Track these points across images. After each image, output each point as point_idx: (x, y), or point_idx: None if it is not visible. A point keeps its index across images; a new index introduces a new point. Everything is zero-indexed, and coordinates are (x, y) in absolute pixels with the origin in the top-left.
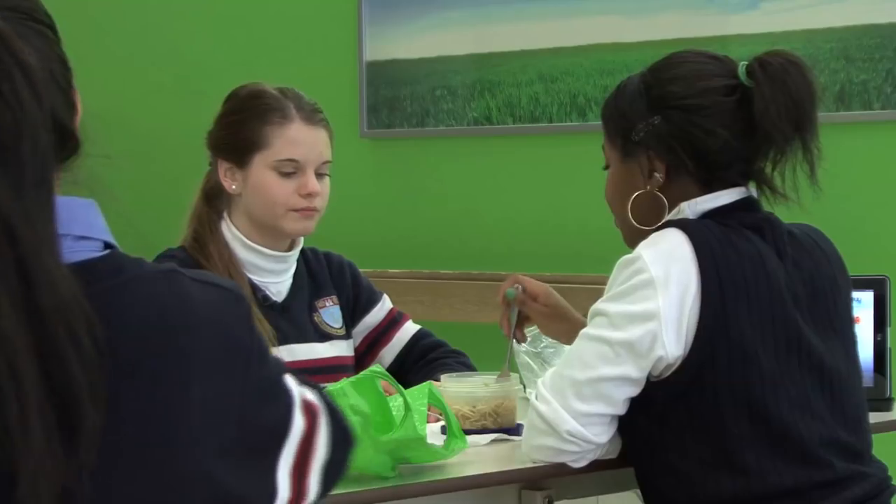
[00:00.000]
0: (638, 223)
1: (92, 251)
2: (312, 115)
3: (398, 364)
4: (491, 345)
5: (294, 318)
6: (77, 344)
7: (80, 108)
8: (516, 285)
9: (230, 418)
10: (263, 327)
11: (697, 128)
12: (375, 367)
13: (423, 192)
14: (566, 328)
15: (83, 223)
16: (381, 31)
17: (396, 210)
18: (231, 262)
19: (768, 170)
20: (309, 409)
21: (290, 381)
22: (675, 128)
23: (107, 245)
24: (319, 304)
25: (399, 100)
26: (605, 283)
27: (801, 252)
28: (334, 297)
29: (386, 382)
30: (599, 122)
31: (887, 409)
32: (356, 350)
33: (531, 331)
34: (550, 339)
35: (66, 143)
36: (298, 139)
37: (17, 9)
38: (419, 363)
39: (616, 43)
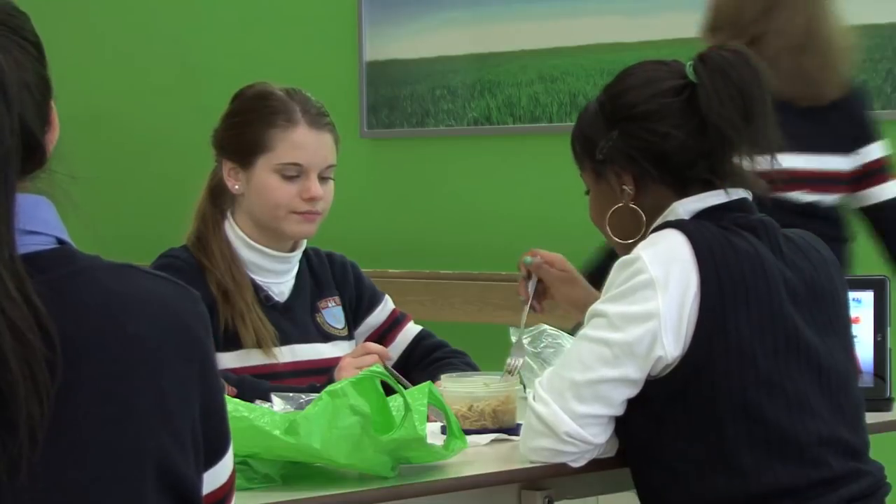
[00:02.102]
0: (619, 238)
1: (41, 245)
2: (318, 118)
3: (400, 365)
4: (491, 345)
5: (296, 319)
6: (21, 342)
7: (55, 130)
8: (533, 254)
9: (187, 406)
10: (266, 328)
11: (651, 133)
12: (375, 367)
13: (423, 192)
14: (581, 295)
15: (32, 218)
16: (381, 31)
17: (396, 210)
18: (233, 262)
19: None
20: (233, 472)
21: None
22: (632, 138)
23: (60, 241)
24: (322, 304)
25: (399, 100)
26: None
27: (798, 253)
28: (337, 298)
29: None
30: None
31: (887, 409)
32: None
33: (532, 330)
34: (550, 339)
35: (33, 154)
36: (303, 143)
37: (4, 22)
38: (422, 363)
39: (616, 43)
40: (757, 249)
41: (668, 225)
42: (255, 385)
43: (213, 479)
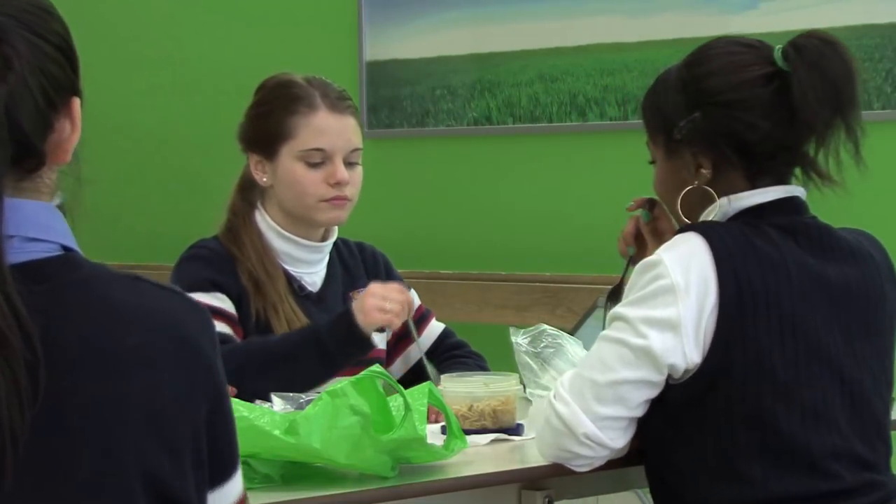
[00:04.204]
0: (687, 218)
1: (43, 252)
2: (339, 102)
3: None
4: (491, 345)
5: (330, 309)
6: (1, 342)
7: (77, 130)
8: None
9: (185, 421)
10: (299, 319)
11: (738, 122)
12: (375, 368)
13: (423, 192)
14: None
15: (36, 225)
16: (381, 31)
17: (396, 210)
18: (265, 253)
19: (813, 153)
20: (244, 494)
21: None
22: (716, 124)
23: (66, 249)
24: (354, 294)
25: (399, 100)
26: (605, 283)
27: (849, 257)
28: None
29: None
30: (599, 122)
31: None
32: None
33: (531, 330)
34: (551, 339)
35: (27, 155)
36: (324, 128)
37: (17, 17)
38: (445, 362)
39: (616, 43)
40: (783, 254)
41: (691, 227)
42: (263, 346)
43: (221, 499)
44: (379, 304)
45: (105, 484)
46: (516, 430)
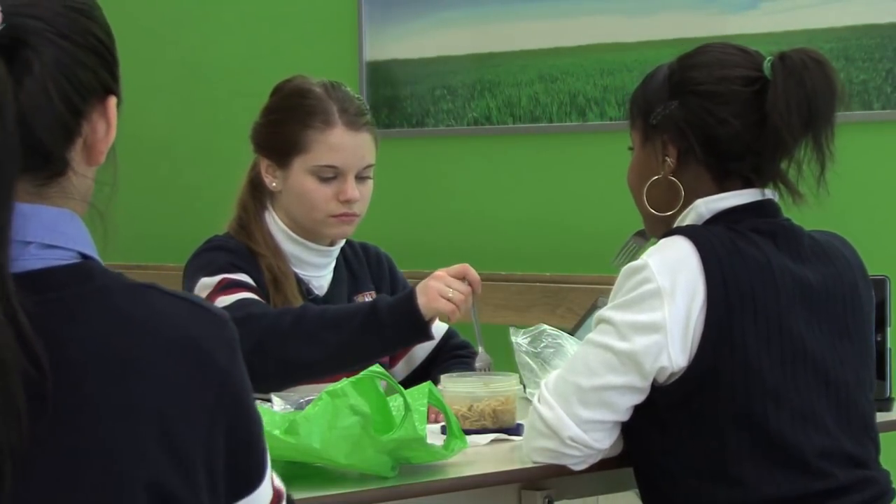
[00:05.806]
0: (653, 209)
1: (59, 259)
2: (356, 119)
3: (428, 362)
4: (491, 345)
5: None
6: None
7: (111, 132)
8: None
9: (197, 435)
10: None
11: (711, 115)
12: (375, 367)
13: (423, 192)
14: None
15: (54, 232)
16: (381, 31)
17: (396, 210)
18: (277, 252)
19: (785, 167)
20: (277, 494)
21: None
22: (689, 113)
23: (84, 256)
24: (359, 297)
25: (399, 100)
26: (604, 283)
27: (823, 257)
28: (373, 292)
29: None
30: (599, 122)
31: (887, 409)
32: None
33: (531, 330)
34: (551, 339)
35: (45, 162)
36: (339, 145)
37: (46, 20)
38: (442, 359)
39: (616, 43)
40: (769, 258)
41: (677, 231)
42: (320, 315)
43: None
44: (442, 290)
45: (109, 495)
46: (516, 430)
